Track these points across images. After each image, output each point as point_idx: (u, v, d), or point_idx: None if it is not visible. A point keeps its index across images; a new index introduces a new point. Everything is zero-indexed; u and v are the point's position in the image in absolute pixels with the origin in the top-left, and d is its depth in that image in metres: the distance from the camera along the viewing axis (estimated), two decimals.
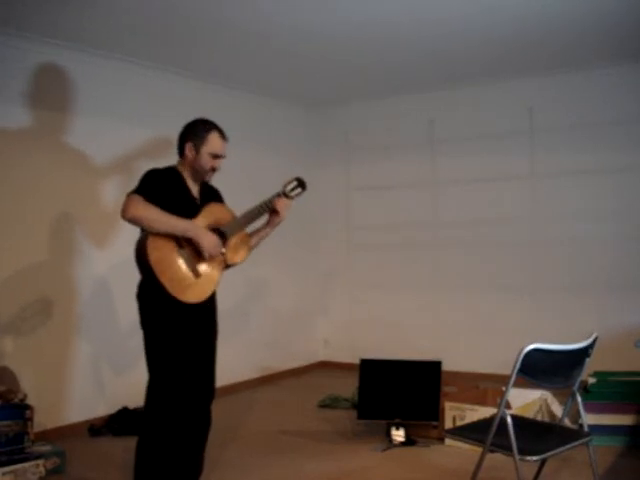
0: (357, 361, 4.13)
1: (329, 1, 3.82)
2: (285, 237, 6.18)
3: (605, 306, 5.09)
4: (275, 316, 6.02)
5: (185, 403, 2.91)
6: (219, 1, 3.76)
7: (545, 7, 3.93)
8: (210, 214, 2.95)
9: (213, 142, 2.94)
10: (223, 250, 2.93)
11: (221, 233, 2.93)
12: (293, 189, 3.12)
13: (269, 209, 3.06)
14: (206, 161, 2.94)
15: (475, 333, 5.66)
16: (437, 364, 3.99)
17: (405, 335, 5.91)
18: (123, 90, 4.73)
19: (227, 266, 3.00)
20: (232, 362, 5.50)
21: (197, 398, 2.96)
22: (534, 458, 2.41)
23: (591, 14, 4.04)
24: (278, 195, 3.07)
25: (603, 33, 4.41)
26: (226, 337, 5.38)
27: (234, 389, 5.45)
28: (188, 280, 2.82)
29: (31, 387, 3.92)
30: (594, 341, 2.69)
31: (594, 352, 2.71)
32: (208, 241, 2.83)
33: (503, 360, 3.17)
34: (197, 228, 2.84)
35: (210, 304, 2.99)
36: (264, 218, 3.14)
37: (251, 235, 3.15)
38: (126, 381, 4.50)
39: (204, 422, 3.03)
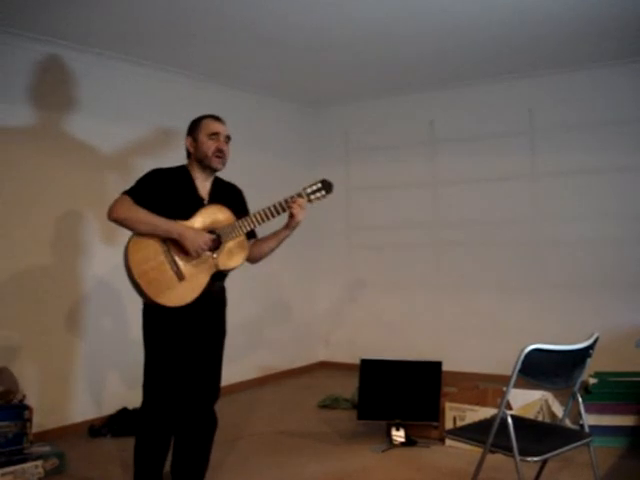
0: (357, 361, 4.12)
1: (330, 1, 3.82)
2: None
3: (605, 306, 5.08)
4: (275, 316, 6.01)
5: (180, 406, 2.88)
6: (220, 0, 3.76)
7: (545, 6, 3.92)
8: (208, 216, 2.84)
9: (207, 124, 2.90)
10: (214, 255, 2.81)
11: (217, 236, 2.82)
12: (315, 191, 2.97)
13: (284, 210, 2.91)
14: (206, 145, 2.87)
15: (475, 333, 5.66)
16: (437, 364, 3.98)
17: (405, 335, 5.91)
18: (127, 89, 4.77)
19: (220, 271, 2.86)
20: (232, 362, 5.51)
21: (198, 399, 2.93)
22: (535, 459, 2.40)
23: (591, 13, 4.04)
24: (297, 196, 2.92)
25: (603, 33, 4.41)
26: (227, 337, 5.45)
27: (234, 389, 5.44)
28: (170, 283, 2.73)
29: (31, 387, 3.92)
30: (595, 341, 2.69)
31: (595, 352, 2.70)
32: (192, 239, 2.73)
33: (503, 360, 3.17)
34: (181, 228, 2.74)
35: (209, 304, 2.89)
36: (281, 219, 2.96)
37: (268, 238, 3.01)
38: (126, 381, 4.50)
39: (208, 422, 3.00)
